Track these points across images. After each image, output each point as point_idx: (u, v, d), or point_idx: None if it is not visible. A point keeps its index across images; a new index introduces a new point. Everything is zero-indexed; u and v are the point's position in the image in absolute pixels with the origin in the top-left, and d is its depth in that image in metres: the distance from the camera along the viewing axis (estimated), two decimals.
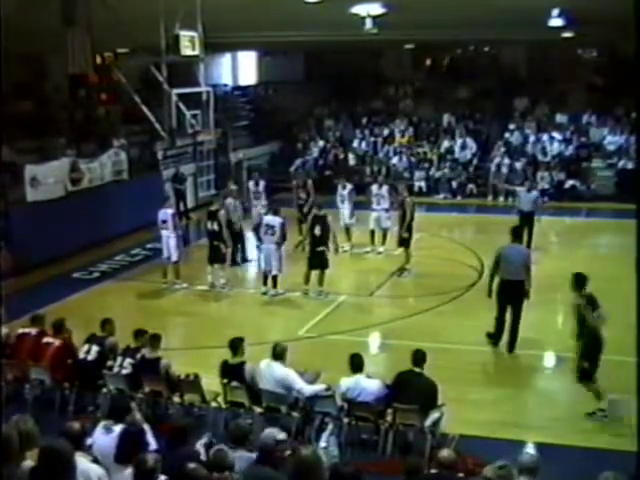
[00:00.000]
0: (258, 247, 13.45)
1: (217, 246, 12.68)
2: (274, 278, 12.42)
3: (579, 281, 8.14)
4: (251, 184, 16.32)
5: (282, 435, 4.86)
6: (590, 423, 7.96)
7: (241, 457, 5.13)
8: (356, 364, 7.42)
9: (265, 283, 12.56)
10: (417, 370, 7.40)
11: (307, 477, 4.23)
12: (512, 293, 9.76)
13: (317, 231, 12.25)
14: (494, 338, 10.03)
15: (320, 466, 4.36)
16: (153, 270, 13.88)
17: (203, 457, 5.45)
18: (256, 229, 13.41)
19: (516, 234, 10.32)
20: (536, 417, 8.44)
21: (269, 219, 12.51)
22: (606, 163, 20.87)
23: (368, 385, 7.34)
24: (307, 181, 16.09)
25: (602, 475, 4.53)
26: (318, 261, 12.28)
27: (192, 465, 4.69)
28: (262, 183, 16.00)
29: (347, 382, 7.40)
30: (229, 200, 13.96)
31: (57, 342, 8.44)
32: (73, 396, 8.31)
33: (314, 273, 12.40)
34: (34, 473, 4.00)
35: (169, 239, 12.94)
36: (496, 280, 9.88)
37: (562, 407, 8.65)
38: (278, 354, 7.57)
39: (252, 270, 14.37)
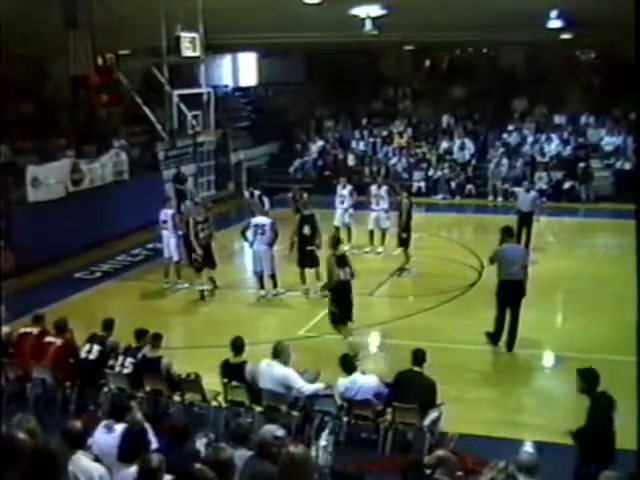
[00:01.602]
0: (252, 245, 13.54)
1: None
2: (272, 277, 12.47)
3: (335, 242, 10.23)
4: (246, 194, 16.40)
5: (280, 432, 4.79)
6: None
7: (242, 456, 5.17)
8: (347, 365, 7.50)
9: (262, 286, 12.57)
10: (417, 369, 7.45)
11: (294, 475, 4.20)
12: (512, 293, 9.82)
13: (306, 230, 12.29)
14: (493, 337, 10.09)
15: (308, 465, 4.32)
16: (154, 270, 13.93)
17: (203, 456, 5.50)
18: (243, 232, 13.44)
19: (509, 233, 10.22)
20: (535, 416, 8.48)
21: (258, 219, 12.50)
22: (604, 164, 20.94)
23: (365, 382, 7.40)
24: (302, 194, 15.97)
25: (603, 474, 4.57)
26: (309, 260, 12.33)
27: (198, 466, 4.70)
28: (256, 193, 16.00)
29: (344, 382, 7.46)
30: (187, 203, 14.28)
31: (59, 341, 8.50)
32: (74, 395, 8.36)
33: (309, 273, 12.44)
34: (24, 474, 4.00)
35: (170, 239, 13.01)
36: (495, 280, 9.95)
37: (561, 406, 8.70)
38: (279, 352, 7.60)
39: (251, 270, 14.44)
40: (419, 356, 7.51)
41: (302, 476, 4.23)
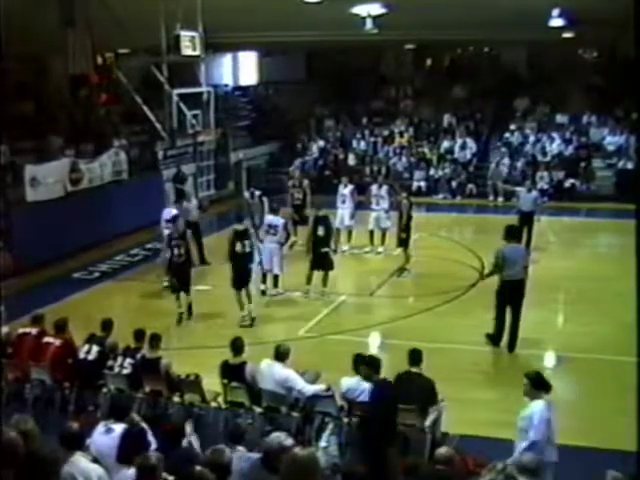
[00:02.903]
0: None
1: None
2: (275, 278, 12.44)
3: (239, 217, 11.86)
4: (247, 195, 16.36)
5: (289, 441, 4.62)
6: (591, 423, 7.97)
7: (242, 456, 5.14)
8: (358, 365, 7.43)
9: (264, 282, 12.56)
10: (414, 370, 7.41)
11: (300, 478, 4.08)
12: (513, 293, 9.81)
13: (320, 232, 12.22)
14: (494, 339, 10.04)
15: (315, 468, 4.18)
16: (153, 270, 13.86)
17: (196, 446, 5.54)
18: (256, 231, 13.47)
19: (512, 233, 10.21)
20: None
21: (271, 219, 12.51)
22: (606, 163, 20.92)
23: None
24: (303, 181, 16.08)
25: (609, 474, 4.53)
26: (322, 262, 12.27)
27: (199, 468, 4.65)
28: (257, 193, 15.98)
29: (348, 382, 7.40)
30: (185, 203, 14.31)
31: (58, 342, 8.46)
32: (73, 396, 8.32)
33: (317, 274, 12.39)
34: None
35: None
36: (496, 280, 9.91)
37: (562, 407, 8.65)
38: (281, 354, 7.56)
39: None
40: (415, 356, 7.47)
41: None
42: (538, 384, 6.16)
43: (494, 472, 4.57)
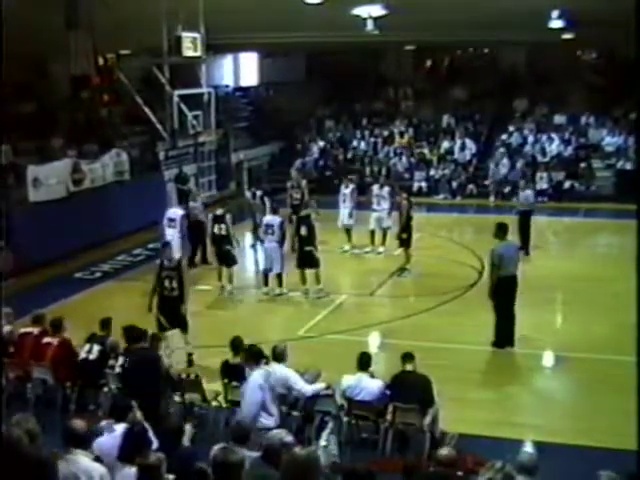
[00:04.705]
0: (254, 247, 13.58)
1: None
2: (279, 276, 12.50)
3: (224, 203, 12.61)
4: (248, 195, 16.40)
5: (289, 438, 4.67)
6: (589, 422, 8.01)
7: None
8: (364, 362, 7.49)
9: (266, 283, 12.63)
10: (408, 368, 7.49)
11: (299, 477, 4.09)
12: (509, 288, 9.90)
13: (303, 231, 12.36)
14: (499, 342, 10.05)
15: (314, 468, 4.18)
16: (154, 270, 13.87)
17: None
18: (254, 230, 13.56)
19: (503, 231, 10.20)
20: (535, 416, 8.49)
21: (268, 219, 12.65)
22: (605, 164, 20.94)
23: (369, 385, 7.39)
24: (301, 181, 16.15)
25: (606, 474, 4.56)
26: (308, 261, 12.38)
27: (199, 465, 4.67)
28: (258, 193, 16.01)
29: (349, 380, 7.45)
30: (191, 203, 14.51)
31: (56, 341, 8.49)
32: (75, 395, 8.37)
33: (309, 273, 12.46)
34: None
35: (173, 239, 12.92)
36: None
37: (561, 406, 8.71)
38: (278, 355, 7.60)
39: (252, 269, 14.45)
40: (407, 355, 7.57)
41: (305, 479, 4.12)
42: (252, 357, 7.04)
43: (493, 471, 4.60)
